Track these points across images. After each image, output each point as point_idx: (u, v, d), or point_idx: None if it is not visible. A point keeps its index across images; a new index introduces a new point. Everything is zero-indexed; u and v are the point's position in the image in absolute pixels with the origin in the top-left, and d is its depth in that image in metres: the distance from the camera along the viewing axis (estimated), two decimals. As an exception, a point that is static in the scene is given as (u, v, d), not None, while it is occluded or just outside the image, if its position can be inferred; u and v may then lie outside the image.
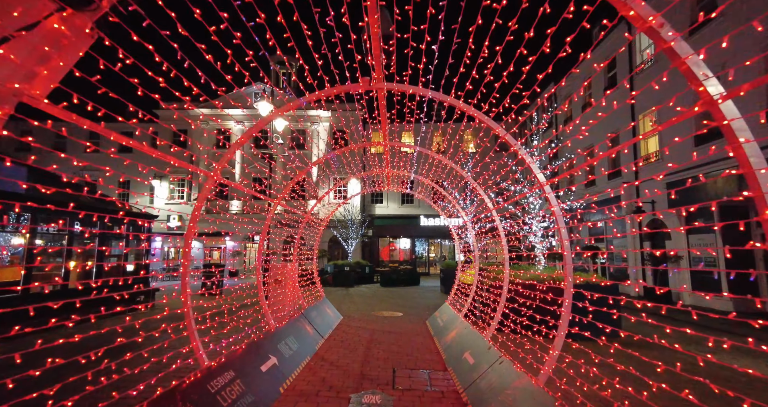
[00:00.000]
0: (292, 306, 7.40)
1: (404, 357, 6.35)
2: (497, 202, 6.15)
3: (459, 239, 10.07)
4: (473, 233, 8.05)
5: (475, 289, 7.89)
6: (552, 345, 3.71)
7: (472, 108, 3.97)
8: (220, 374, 3.81)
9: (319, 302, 9.12)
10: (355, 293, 16.16)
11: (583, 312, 3.83)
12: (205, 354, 3.83)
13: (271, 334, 5.43)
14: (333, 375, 5.39)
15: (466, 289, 8.76)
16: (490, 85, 3.73)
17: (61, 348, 2.61)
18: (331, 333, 8.03)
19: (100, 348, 2.81)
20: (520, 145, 3.95)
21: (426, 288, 18.41)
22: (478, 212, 7.48)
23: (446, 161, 6.11)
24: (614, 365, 3.21)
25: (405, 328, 8.68)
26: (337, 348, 6.81)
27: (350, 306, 12.35)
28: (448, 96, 4.00)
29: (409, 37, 3.25)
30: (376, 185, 9.96)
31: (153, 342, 3.61)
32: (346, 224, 24.39)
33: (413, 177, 8.07)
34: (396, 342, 7.31)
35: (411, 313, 10.85)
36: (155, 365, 3.59)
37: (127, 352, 3.35)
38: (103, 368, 2.80)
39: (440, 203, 9.87)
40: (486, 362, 4.86)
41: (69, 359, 2.38)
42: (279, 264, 7.48)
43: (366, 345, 7.10)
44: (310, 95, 3.97)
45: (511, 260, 5.85)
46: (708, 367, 5.26)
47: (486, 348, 5.19)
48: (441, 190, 7.96)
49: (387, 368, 5.74)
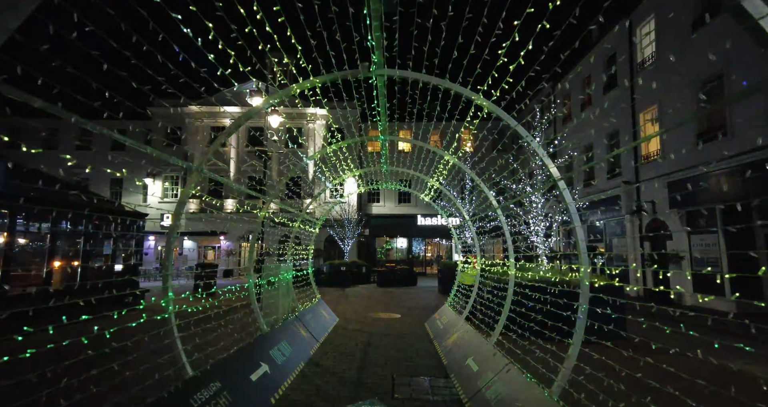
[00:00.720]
0: (286, 309, 7.07)
1: (403, 362, 6.04)
2: (499, 201, 5.88)
3: (458, 239, 9.79)
4: (474, 231, 7.76)
5: (477, 291, 7.60)
6: (567, 353, 3.41)
7: (481, 97, 3.66)
8: (205, 385, 3.48)
9: (315, 304, 8.80)
10: (351, 294, 15.84)
11: (604, 319, 3.53)
12: (188, 363, 3.50)
13: (263, 339, 5.10)
14: (328, 383, 5.07)
15: (467, 290, 8.47)
16: (501, 70, 3.43)
17: (30, 358, 2.28)
18: (326, 336, 7.71)
19: (75, 356, 2.49)
20: (532, 138, 3.65)
21: (424, 289, 18.12)
22: (479, 210, 7.19)
23: (448, 156, 5.81)
24: (635, 373, 2.93)
25: (403, 331, 8.38)
26: (332, 353, 6.49)
27: (346, 307, 12.03)
28: (454, 84, 3.69)
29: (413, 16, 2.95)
30: (373, 182, 9.64)
31: (135, 350, 3.27)
32: (343, 223, 24.05)
33: (411, 173, 7.77)
34: (394, 346, 7.00)
35: (409, 315, 10.55)
36: (132, 377, 3.25)
37: (102, 362, 3.03)
38: (72, 382, 2.48)
39: (439, 202, 9.59)
40: (491, 369, 4.57)
41: (37, 370, 2.05)
42: (272, 265, 7.14)
43: (363, 349, 6.79)
44: (304, 81, 3.64)
45: (517, 261, 5.55)
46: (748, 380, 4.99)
47: (491, 354, 4.89)
48: (442, 188, 7.67)
49: (385, 375, 5.43)
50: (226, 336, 4.76)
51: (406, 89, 3.94)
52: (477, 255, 7.82)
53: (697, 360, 4.26)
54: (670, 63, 13.49)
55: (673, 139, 13.80)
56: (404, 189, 9.62)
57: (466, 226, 8.17)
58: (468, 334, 6.15)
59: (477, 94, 3.66)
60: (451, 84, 3.68)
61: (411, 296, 15.22)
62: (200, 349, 4.28)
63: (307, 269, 10.00)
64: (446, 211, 9.35)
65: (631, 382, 3.51)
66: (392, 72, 3.68)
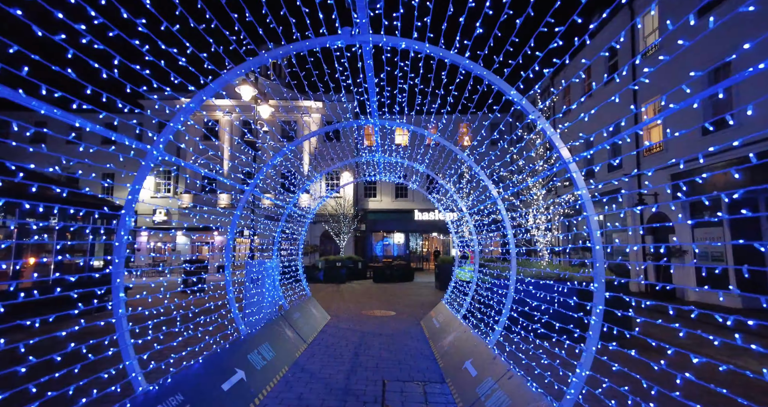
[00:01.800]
0: (270, 307, 6.61)
1: (396, 365, 5.60)
2: (499, 192, 5.44)
3: (456, 233, 9.33)
4: (472, 224, 7.30)
5: (475, 288, 7.16)
6: (579, 361, 2.97)
7: (480, 67, 3.18)
8: (163, 400, 3.02)
9: (304, 302, 8.34)
10: (346, 290, 15.40)
11: (624, 323, 3.09)
12: (142, 375, 3.02)
13: (240, 343, 4.63)
14: (312, 390, 4.62)
15: (465, 287, 8.04)
16: (501, 41, 2.95)
17: None
18: (315, 336, 7.26)
19: (17, 365, 2.04)
20: (539, 114, 3.17)
21: (420, 284, 17.71)
22: (479, 200, 6.73)
23: (444, 142, 5.33)
24: (662, 383, 2.48)
25: (398, 329, 7.95)
26: (320, 355, 6.04)
27: (340, 304, 11.59)
28: (450, 52, 3.20)
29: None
30: (367, 173, 9.16)
31: (85, 359, 2.78)
32: (338, 218, 23.57)
33: (407, 164, 7.28)
34: (387, 347, 6.56)
35: (404, 312, 10.12)
36: (77, 392, 2.77)
37: (44, 372, 2.56)
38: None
39: (435, 195, 9.11)
40: (491, 375, 4.13)
41: None
42: (255, 261, 6.66)
43: (354, 350, 6.34)
44: (275, 49, 3.15)
45: (518, 256, 5.10)
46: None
47: (490, 358, 4.45)
48: (437, 177, 7.20)
49: (376, 379, 4.99)
50: (195, 341, 4.29)
51: (394, 60, 3.46)
52: (475, 250, 7.37)
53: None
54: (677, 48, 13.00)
55: (677, 129, 13.36)
56: (400, 181, 9.16)
57: (463, 220, 7.71)
58: (465, 335, 5.71)
59: (475, 64, 3.18)
60: (445, 52, 3.19)
61: (407, 292, 14.79)
62: (162, 356, 3.79)
63: (297, 264, 9.55)
64: (443, 204, 8.88)
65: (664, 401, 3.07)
66: (378, 38, 3.19)
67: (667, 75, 13.21)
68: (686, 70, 10.97)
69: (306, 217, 9.29)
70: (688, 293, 12.97)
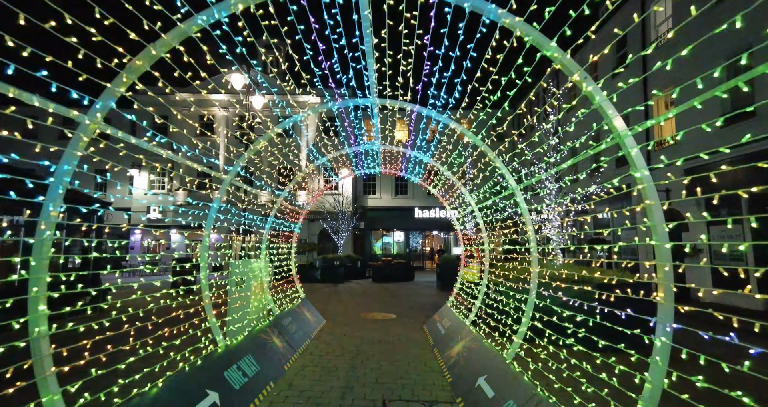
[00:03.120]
0: (257, 313, 5.91)
1: (398, 379, 4.91)
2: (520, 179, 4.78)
3: (460, 231, 8.63)
4: (481, 220, 6.60)
5: (485, 290, 6.46)
6: (639, 395, 2.27)
7: (511, 16, 2.47)
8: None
9: (297, 306, 7.64)
10: (344, 291, 14.71)
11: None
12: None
13: (214, 358, 3.94)
14: (300, 413, 3.93)
15: (472, 289, 7.34)
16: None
17: None
18: (308, 344, 6.57)
19: None
20: (586, 74, 2.46)
21: (421, 284, 17.03)
22: (491, 194, 6.02)
23: (456, 125, 4.62)
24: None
25: (399, 335, 7.26)
26: (312, 368, 5.35)
27: (337, 306, 10.90)
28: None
29: None
30: (366, 165, 8.45)
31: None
32: (337, 216, 22.85)
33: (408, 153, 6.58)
34: (388, 357, 5.87)
35: (406, 315, 9.43)
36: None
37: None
38: None
39: (440, 188, 8.40)
40: (513, 398, 3.43)
41: None
42: (238, 262, 5.96)
43: (350, 361, 5.65)
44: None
45: (543, 255, 4.40)
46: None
47: (511, 376, 3.76)
48: (440, 168, 6.50)
49: (375, 398, 4.30)
50: (157, 359, 3.60)
51: (400, 8, 2.75)
52: (485, 249, 6.67)
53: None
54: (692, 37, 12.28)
55: (691, 122, 12.65)
56: (401, 173, 8.45)
57: (469, 215, 7.00)
58: (477, 345, 5.02)
59: (504, 11, 2.47)
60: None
61: (408, 292, 14.11)
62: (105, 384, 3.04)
63: (289, 264, 8.85)
64: (446, 198, 8.17)
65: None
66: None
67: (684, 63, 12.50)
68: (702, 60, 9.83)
69: (299, 212, 8.58)
70: (704, 293, 12.29)
